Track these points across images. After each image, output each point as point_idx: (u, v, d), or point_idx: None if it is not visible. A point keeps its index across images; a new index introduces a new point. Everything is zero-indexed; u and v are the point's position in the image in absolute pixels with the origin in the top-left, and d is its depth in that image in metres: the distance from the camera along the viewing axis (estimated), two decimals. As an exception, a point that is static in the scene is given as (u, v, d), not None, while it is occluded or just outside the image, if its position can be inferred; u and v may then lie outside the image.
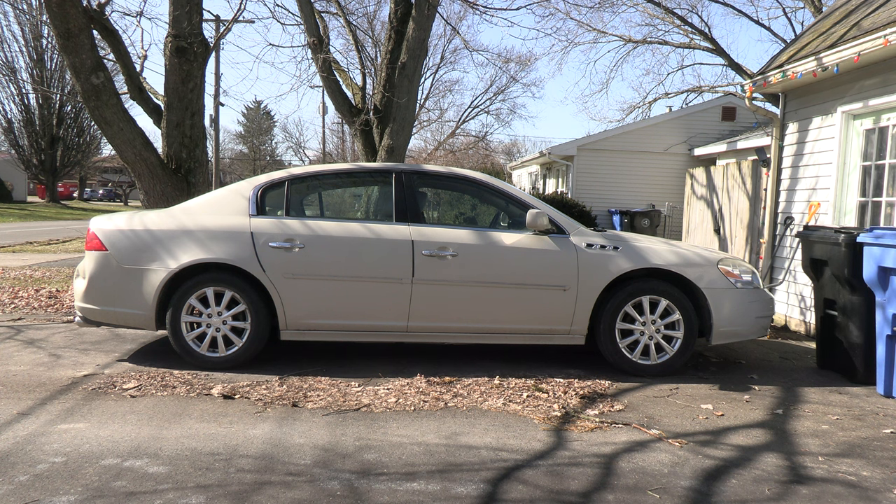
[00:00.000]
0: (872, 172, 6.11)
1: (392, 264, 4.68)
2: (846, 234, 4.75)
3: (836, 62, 6.07)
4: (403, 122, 8.97)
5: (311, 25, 9.22)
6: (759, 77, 7.38)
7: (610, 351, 4.80)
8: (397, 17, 9.14)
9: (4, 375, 4.34)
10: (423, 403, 3.99)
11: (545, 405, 4.03)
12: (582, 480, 2.96)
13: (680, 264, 4.80)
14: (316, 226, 4.73)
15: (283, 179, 4.95)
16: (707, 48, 19.71)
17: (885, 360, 4.45)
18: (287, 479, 2.88)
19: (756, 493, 2.90)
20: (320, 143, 38.29)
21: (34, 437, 3.27)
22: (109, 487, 2.74)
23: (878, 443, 3.59)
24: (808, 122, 6.91)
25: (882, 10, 6.10)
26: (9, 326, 5.93)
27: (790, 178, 7.20)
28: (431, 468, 3.04)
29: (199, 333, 4.62)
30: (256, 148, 53.53)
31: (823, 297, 5.18)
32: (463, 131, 38.03)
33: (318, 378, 4.46)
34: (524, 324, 4.80)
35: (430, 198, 6.83)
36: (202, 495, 2.70)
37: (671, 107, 20.26)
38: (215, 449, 3.19)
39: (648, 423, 3.77)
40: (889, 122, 5.93)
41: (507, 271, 4.73)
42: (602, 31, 21.29)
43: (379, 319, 4.74)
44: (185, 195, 6.74)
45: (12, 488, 2.71)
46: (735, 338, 4.95)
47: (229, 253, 4.59)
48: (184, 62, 6.84)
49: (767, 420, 3.93)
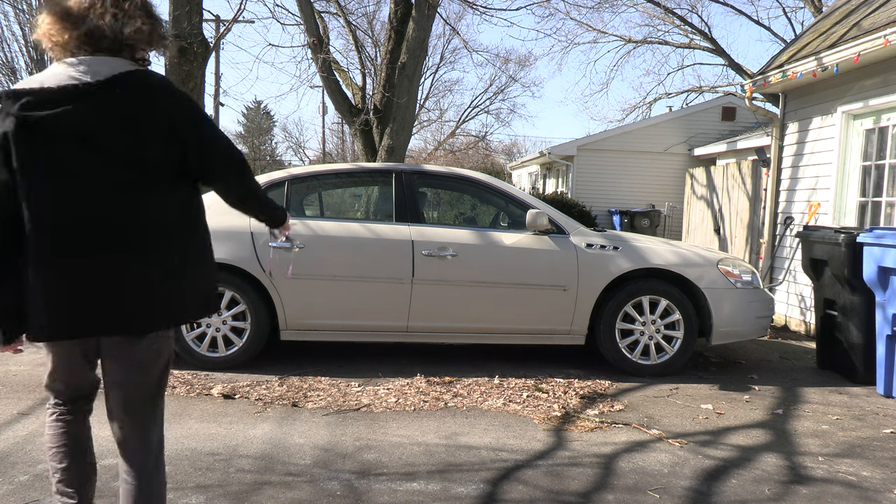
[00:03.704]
0: (872, 172, 6.11)
1: (392, 264, 4.67)
2: (846, 234, 4.75)
3: (836, 62, 6.07)
4: (403, 122, 8.98)
5: (311, 25, 9.22)
6: (759, 77, 7.38)
7: (610, 351, 4.80)
8: (397, 17, 9.15)
9: (4, 375, 4.34)
10: (423, 403, 3.99)
11: (545, 405, 4.03)
12: (582, 480, 2.96)
13: (680, 264, 4.80)
14: (316, 226, 4.73)
15: (283, 179, 4.95)
16: (707, 48, 19.71)
17: (885, 360, 4.45)
18: (287, 480, 2.88)
19: (756, 493, 2.90)
20: (320, 143, 38.30)
21: (34, 437, 3.27)
22: (109, 487, 2.74)
23: (879, 443, 3.59)
24: (808, 122, 6.91)
25: (882, 10, 6.10)
26: (9, 326, 5.92)
27: (790, 178, 7.20)
28: (431, 468, 3.04)
29: (199, 333, 4.62)
30: (256, 148, 53.52)
31: (823, 297, 5.18)
32: (463, 131, 38.02)
33: (318, 378, 4.46)
34: (524, 324, 4.80)
35: (430, 198, 6.84)
36: (202, 495, 2.70)
37: (671, 107, 20.26)
38: (215, 449, 3.19)
39: (648, 423, 3.77)
40: (889, 122, 5.93)
41: (507, 271, 4.73)
42: (602, 31, 21.33)
43: (379, 319, 4.74)
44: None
45: (12, 488, 2.71)
46: (735, 338, 4.95)
47: (229, 253, 4.59)
48: (184, 62, 6.84)
49: (767, 420, 3.93)
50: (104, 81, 1.74)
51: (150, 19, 1.89)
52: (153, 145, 1.78)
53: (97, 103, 1.73)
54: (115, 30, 1.80)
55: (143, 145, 1.77)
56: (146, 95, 1.78)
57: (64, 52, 1.79)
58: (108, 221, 1.75)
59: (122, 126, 1.75)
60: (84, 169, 1.74)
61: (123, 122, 1.75)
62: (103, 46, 1.79)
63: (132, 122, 1.75)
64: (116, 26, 1.80)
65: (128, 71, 1.78)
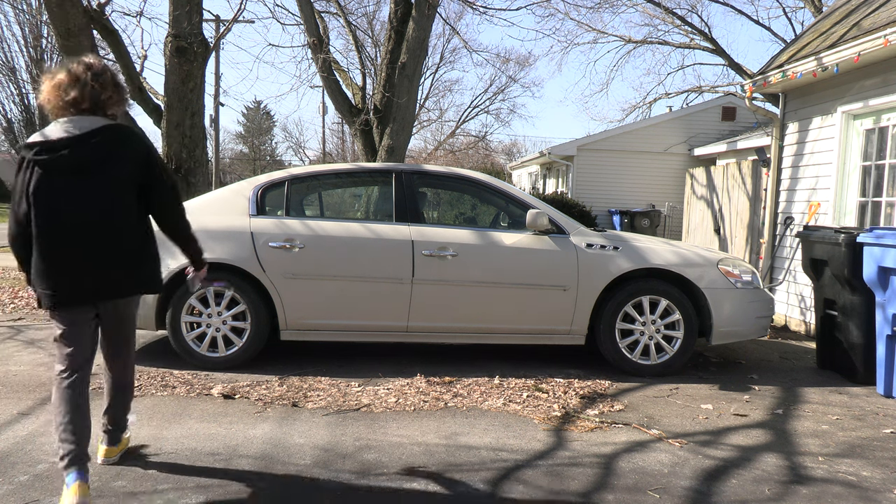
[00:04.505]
0: (872, 172, 6.11)
1: (392, 264, 4.68)
2: (846, 234, 4.75)
3: (836, 62, 6.07)
4: (403, 122, 8.98)
5: (311, 25, 9.23)
6: (759, 77, 7.38)
7: (610, 351, 4.80)
8: (397, 17, 9.15)
9: (4, 375, 4.34)
10: (423, 403, 3.99)
11: (545, 405, 4.03)
12: (582, 480, 2.96)
13: (680, 264, 4.80)
14: (316, 226, 4.73)
15: (283, 179, 4.95)
16: (707, 48, 19.71)
17: (885, 360, 4.45)
18: (287, 480, 2.88)
19: (756, 493, 2.90)
20: (320, 143, 38.30)
21: (34, 437, 3.27)
22: (109, 487, 2.74)
23: (879, 443, 3.59)
24: (808, 122, 6.91)
25: (882, 10, 6.10)
26: (9, 326, 5.93)
27: (790, 178, 7.20)
28: (431, 468, 3.04)
29: (199, 333, 4.62)
30: (256, 148, 53.49)
31: (823, 297, 5.18)
32: (463, 131, 38.02)
33: (318, 378, 4.46)
34: (524, 324, 4.80)
35: (430, 198, 6.83)
36: (202, 495, 2.70)
37: (671, 107, 20.27)
38: (215, 449, 3.19)
39: (648, 423, 3.77)
40: (889, 122, 5.93)
41: (507, 271, 4.73)
42: (602, 31, 21.32)
43: (379, 319, 4.74)
44: (185, 195, 6.74)
45: (12, 488, 2.71)
46: (735, 338, 4.95)
47: (229, 253, 4.59)
48: (184, 62, 6.84)
49: (767, 420, 3.93)
50: (86, 133, 2.55)
51: (117, 89, 2.67)
52: (120, 175, 2.60)
53: (82, 148, 2.53)
54: (93, 98, 2.58)
55: (114, 175, 2.58)
56: (115, 142, 2.59)
57: (57, 112, 2.58)
58: (95, 225, 2.56)
59: (100, 163, 2.56)
60: (77, 191, 2.54)
61: (100, 161, 2.56)
62: (84, 109, 2.58)
63: (106, 160, 2.57)
64: (94, 95, 2.58)
65: (102, 125, 2.58)
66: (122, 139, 2.60)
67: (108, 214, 2.56)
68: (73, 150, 2.51)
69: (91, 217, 2.54)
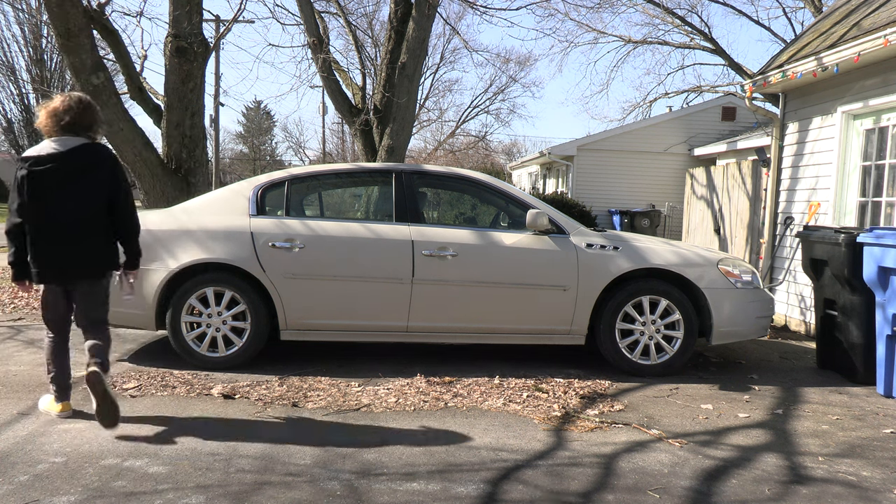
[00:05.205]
0: (872, 172, 6.11)
1: (392, 264, 4.68)
2: (846, 234, 4.75)
3: (836, 62, 6.07)
4: (403, 122, 8.98)
5: (311, 25, 9.23)
6: (759, 77, 7.38)
7: (610, 351, 4.80)
8: (397, 17, 9.15)
9: (4, 375, 4.34)
10: (423, 403, 3.99)
11: (545, 405, 4.03)
12: (582, 480, 2.96)
13: (680, 264, 4.80)
14: (316, 226, 4.73)
15: (283, 179, 4.95)
16: (707, 48, 19.71)
17: (885, 360, 4.45)
18: (287, 480, 2.88)
19: (756, 493, 2.90)
20: (320, 143, 38.31)
21: (34, 436, 3.27)
22: (109, 487, 2.74)
23: (879, 443, 3.59)
24: (808, 122, 6.91)
25: (882, 10, 6.10)
26: (9, 326, 5.93)
27: (790, 178, 7.20)
28: (431, 468, 3.04)
29: (199, 333, 4.62)
30: (256, 148, 53.48)
31: (823, 297, 5.18)
32: (463, 131, 38.03)
33: (318, 378, 4.46)
34: (524, 324, 4.80)
35: (430, 198, 6.83)
36: (202, 495, 2.70)
37: (671, 107, 20.29)
38: (215, 449, 3.19)
39: (648, 423, 3.77)
40: (889, 122, 5.93)
41: (507, 271, 4.73)
42: (602, 31, 21.32)
43: (379, 319, 4.74)
44: (185, 195, 6.73)
45: (12, 488, 2.71)
46: (735, 338, 4.95)
47: (229, 253, 4.59)
48: (184, 62, 6.83)
49: (767, 420, 3.93)
50: (70, 150, 3.31)
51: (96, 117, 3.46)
52: (96, 185, 3.36)
53: (66, 163, 3.30)
54: (77, 122, 3.36)
55: (91, 185, 3.35)
56: (93, 158, 3.36)
57: (50, 133, 3.34)
58: (76, 223, 3.34)
59: (80, 174, 3.32)
60: (62, 197, 3.31)
61: (80, 173, 3.32)
62: (70, 131, 3.35)
63: (85, 172, 3.33)
64: (78, 120, 3.36)
65: (83, 144, 3.37)
66: (97, 154, 3.37)
67: (84, 213, 3.32)
68: (59, 163, 3.28)
69: (72, 216, 3.30)
